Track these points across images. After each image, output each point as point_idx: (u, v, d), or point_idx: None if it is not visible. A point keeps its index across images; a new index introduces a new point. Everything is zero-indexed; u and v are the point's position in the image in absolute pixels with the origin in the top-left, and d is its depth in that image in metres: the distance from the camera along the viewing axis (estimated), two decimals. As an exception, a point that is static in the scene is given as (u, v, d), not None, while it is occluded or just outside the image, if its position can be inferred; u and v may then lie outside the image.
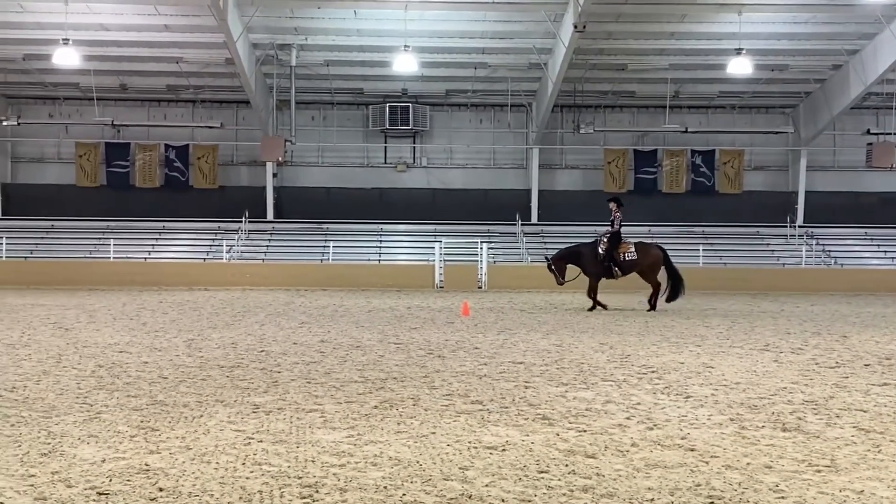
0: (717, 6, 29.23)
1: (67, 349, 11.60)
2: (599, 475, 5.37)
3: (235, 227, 36.54)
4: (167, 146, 37.94)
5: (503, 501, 4.85)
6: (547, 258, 21.75)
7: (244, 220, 36.61)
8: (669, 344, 12.89)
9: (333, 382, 8.90)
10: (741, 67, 31.18)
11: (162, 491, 4.94)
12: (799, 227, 37.31)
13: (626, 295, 24.56)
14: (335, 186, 38.13)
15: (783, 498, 4.97)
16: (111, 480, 5.13)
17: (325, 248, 35.15)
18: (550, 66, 32.74)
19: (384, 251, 36.29)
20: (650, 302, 20.52)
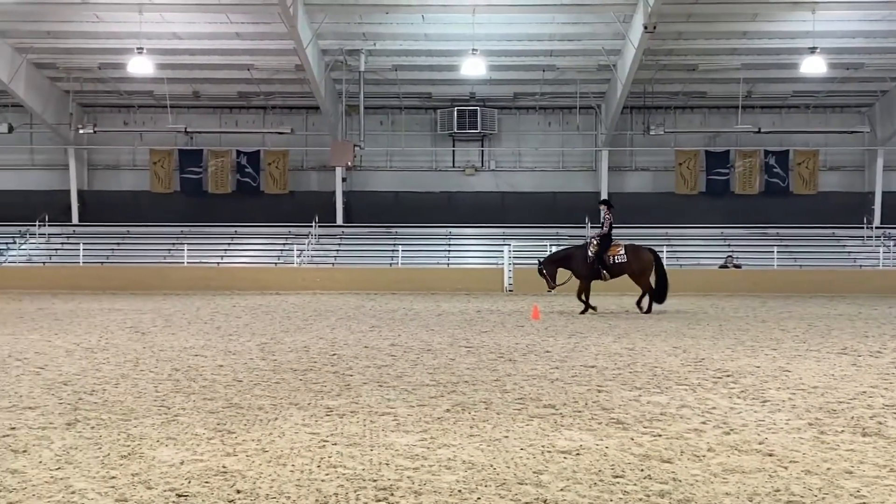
0: (790, 4, 28.78)
1: (144, 353, 11.79)
2: (676, 480, 5.29)
3: (306, 231, 36.93)
4: (239, 152, 38.55)
5: (579, 506, 4.80)
6: (539, 262, 21.61)
7: (314, 224, 36.98)
8: (744, 347, 12.68)
9: (405, 386, 8.91)
10: (815, 66, 30.66)
11: (240, 493, 4.98)
12: (876, 227, 36.56)
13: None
14: (404, 190, 38.30)
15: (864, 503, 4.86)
16: (190, 482, 5.19)
17: (394, 251, 35.33)
18: (620, 67, 32.51)
19: (453, 255, 36.34)
20: (638, 305, 20.45)
